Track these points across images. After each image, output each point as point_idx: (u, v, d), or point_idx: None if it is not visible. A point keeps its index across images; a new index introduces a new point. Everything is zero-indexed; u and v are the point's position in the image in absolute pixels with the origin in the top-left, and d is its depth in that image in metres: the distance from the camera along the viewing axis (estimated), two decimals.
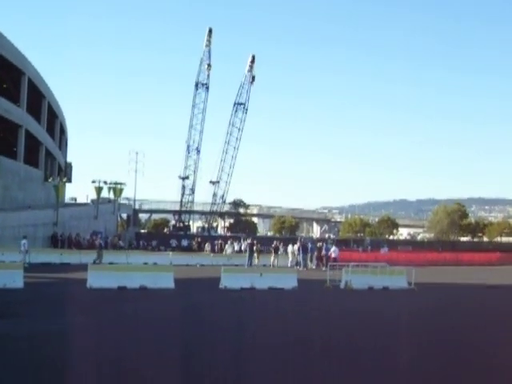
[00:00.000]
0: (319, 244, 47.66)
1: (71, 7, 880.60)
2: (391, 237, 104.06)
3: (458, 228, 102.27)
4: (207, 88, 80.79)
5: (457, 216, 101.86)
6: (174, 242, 65.92)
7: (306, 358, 12.10)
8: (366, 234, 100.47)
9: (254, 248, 43.34)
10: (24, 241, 35.74)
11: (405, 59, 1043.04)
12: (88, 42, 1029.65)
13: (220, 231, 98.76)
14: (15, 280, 23.32)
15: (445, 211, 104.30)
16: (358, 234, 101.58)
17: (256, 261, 42.37)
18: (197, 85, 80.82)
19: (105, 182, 67.02)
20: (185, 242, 66.07)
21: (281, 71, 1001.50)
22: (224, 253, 54.17)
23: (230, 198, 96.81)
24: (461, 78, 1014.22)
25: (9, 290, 22.25)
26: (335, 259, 40.57)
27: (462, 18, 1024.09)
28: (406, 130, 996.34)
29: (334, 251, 42.62)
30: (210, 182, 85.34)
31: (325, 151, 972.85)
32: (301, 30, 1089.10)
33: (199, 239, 66.43)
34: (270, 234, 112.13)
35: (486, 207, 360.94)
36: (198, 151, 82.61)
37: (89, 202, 78.05)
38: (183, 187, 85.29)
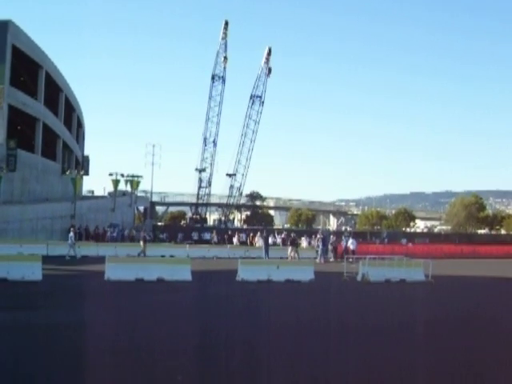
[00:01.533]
0: (333, 237, 47.24)
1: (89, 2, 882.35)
2: (408, 229, 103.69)
3: (476, 220, 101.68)
4: (224, 80, 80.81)
5: (474, 208, 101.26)
6: (195, 235, 65.98)
7: (319, 348, 12.14)
8: (383, 226, 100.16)
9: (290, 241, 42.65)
10: (71, 234, 36.64)
11: (421, 50, 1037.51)
12: (105, 37, 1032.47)
13: (237, 224, 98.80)
14: (34, 272, 23.45)
15: (462, 203, 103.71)
16: (375, 227, 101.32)
17: (293, 254, 40.96)
18: (213, 77, 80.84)
19: (122, 175, 67.39)
20: (207, 235, 66.03)
21: (297, 62, 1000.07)
22: (255, 245, 53.96)
23: (246, 191, 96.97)
24: (476, 69, 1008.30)
25: (28, 282, 22.38)
26: (353, 251, 40.47)
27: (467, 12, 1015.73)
28: (423, 122, 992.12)
29: (352, 243, 42.48)
30: (227, 174, 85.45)
31: (341, 144, 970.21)
32: (317, 21, 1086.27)
33: (229, 232, 66.25)
34: (286, 226, 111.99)
35: (504, 199, 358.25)
36: (215, 144, 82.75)
37: (106, 194, 78.43)
38: (200, 180, 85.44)
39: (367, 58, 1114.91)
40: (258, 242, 54.93)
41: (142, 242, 39.03)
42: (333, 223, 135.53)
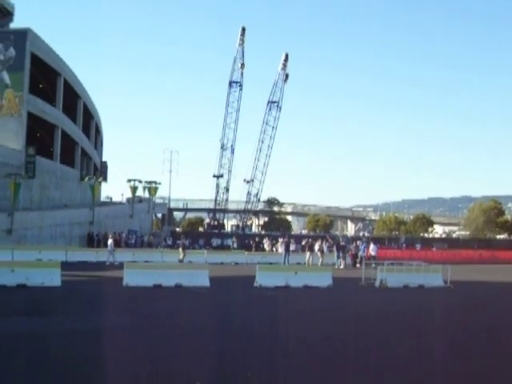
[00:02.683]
0: (354, 244, 46.92)
1: (106, 6, 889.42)
2: (426, 235, 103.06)
3: (494, 225, 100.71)
4: (241, 86, 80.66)
5: (493, 213, 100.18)
6: (215, 241, 66.14)
7: (336, 356, 12.12)
8: (401, 232, 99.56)
9: (317, 248, 42.26)
10: (110, 241, 37.14)
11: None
12: (123, 43, 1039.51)
13: (254, 229, 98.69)
14: (53, 278, 23.60)
15: (480, 208, 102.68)
16: (393, 232, 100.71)
17: (311, 260, 40.36)
18: (230, 83, 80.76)
19: (140, 181, 67.51)
20: (229, 242, 66.06)
21: (315, 69, 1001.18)
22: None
23: (264, 197, 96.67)
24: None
25: (46, 288, 22.54)
26: (374, 257, 40.28)
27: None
28: (441, 127, 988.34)
29: (372, 249, 42.32)
30: (245, 180, 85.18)
31: (359, 149, 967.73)
32: (334, 28, 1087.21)
33: (257, 238, 66.26)
34: (304, 232, 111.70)
35: None
36: (233, 150, 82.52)
37: (124, 201, 78.68)
38: (217, 186, 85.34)
39: (383, 66, 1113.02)
40: (280, 248, 54.73)
41: (181, 249, 39.55)
42: (350, 229, 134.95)
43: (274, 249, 55.66)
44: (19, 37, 50.05)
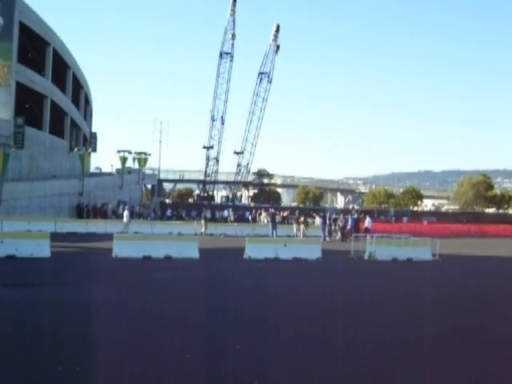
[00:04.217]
0: (342, 216, 46.82)
1: None
2: (415, 208, 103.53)
3: (483, 200, 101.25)
4: (232, 58, 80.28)
5: (482, 187, 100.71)
6: (207, 213, 66.30)
7: (324, 324, 12.19)
8: (391, 204, 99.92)
9: (301, 219, 42.19)
10: (126, 212, 37.18)
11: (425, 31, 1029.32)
12: (114, 13, 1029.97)
13: (244, 201, 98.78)
14: (42, 249, 23.58)
15: (470, 183, 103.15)
16: (383, 205, 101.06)
17: (299, 233, 41.10)
18: (221, 54, 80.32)
19: (129, 152, 67.33)
20: (225, 213, 66.04)
21: (305, 40, 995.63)
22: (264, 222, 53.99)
23: (254, 168, 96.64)
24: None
25: (36, 259, 22.54)
26: (368, 230, 40.34)
27: None
28: (431, 100, 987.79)
29: (368, 222, 42.44)
30: (235, 152, 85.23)
31: (348, 122, 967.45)
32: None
33: (258, 210, 66.31)
34: (293, 204, 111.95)
35: None
36: (223, 121, 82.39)
37: (113, 171, 78.53)
38: (207, 157, 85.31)
39: (372, 38, 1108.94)
40: (264, 219, 54.89)
41: (203, 221, 39.61)
42: (340, 201, 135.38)
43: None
44: (7, 5, 49.28)
